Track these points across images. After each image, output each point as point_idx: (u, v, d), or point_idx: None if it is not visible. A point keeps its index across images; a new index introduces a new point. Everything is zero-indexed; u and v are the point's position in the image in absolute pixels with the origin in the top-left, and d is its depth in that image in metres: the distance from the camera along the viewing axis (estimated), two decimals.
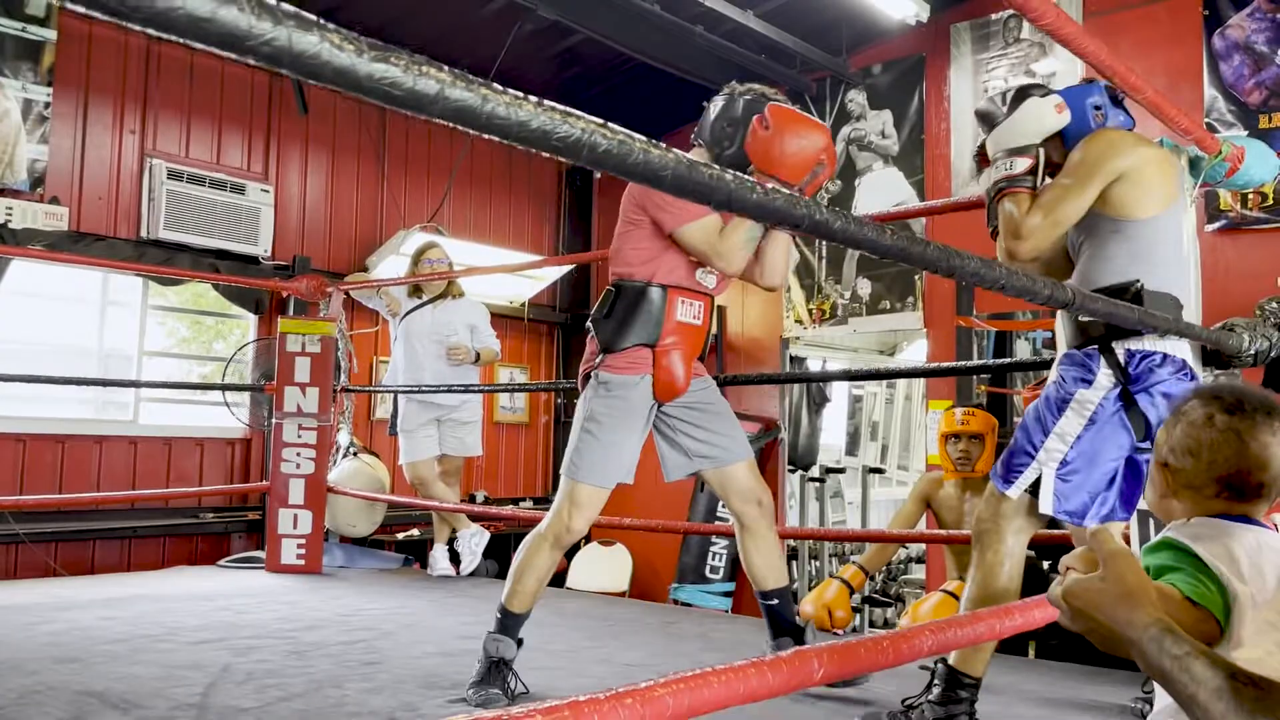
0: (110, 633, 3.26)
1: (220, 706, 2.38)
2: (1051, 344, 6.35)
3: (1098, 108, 2.31)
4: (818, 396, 7.74)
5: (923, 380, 6.98)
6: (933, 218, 5.73)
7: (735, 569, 6.44)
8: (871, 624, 6.60)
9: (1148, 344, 2.17)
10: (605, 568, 6.83)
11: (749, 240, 2.56)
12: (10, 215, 4.91)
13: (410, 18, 5.94)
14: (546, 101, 0.84)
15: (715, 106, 2.73)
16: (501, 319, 6.32)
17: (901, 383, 9.26)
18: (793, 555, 6.80)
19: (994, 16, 5.75)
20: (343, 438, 5.53)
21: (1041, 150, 2.28)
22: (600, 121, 0.88)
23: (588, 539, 7.15)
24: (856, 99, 6.32)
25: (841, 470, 8.21)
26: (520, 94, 0.82)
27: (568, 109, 0.86)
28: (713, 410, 2.73)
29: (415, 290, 5.19)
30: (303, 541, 4.92)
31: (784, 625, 2.78)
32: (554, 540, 2.62)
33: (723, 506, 6.36)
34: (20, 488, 5.01)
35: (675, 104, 7.01)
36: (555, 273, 7.25)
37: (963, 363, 5.27)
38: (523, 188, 7.43)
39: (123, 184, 5.45)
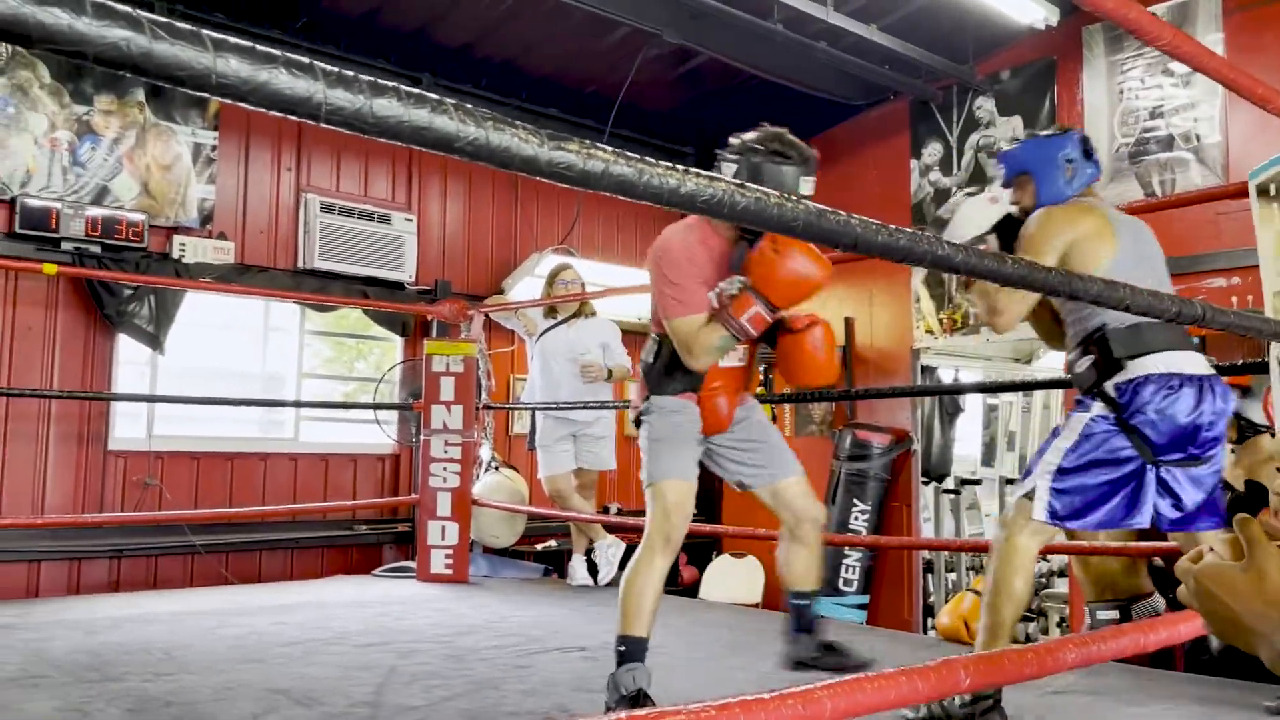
0: (284, 636, 3.54)
1: (392, 704, 2.59)
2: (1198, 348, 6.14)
3: (1069, 160, 2.65)
4: (950, 407, 7.64)
5: (1060, 391, 6.81)
6: None
7: (869, 581, 6.43)
8: (1013, 639, 6.47)
9: (1128, 375, 2.50)
10: (738, 579, 6.91)
11: (719, 347, 2.67)
12: (184, 251, 5.36)
13: (540, 47, 6.20)
14: (692, 170, 0.97)
15: (727, 171, 2.78)
16: (632, 336, 6.49)
17: (1040, 391, 9.03)
18: (928, 568, 6.74)
19: None
20: (484, 453, 5.80)
21: (993, 237, 2.67)
22: (738, 182, 1.00)
23: (719, 550, 7.25)
24: (985, 106, 6.26)
25: (977, 482, 8.07)
26: (670, 164, 0.95)
27: (711, 174, 0.98)
28: (756, 437, 2.89)
29: (550, 311, 5.40)
30: (450, 552, 5.18)
31: (805, 624, 2.97)
32: (661, 549, 2.70)
33: (855, 519, 6.36)
34: (195, 502, 5.44)
35: (799, 118, 7.07)
36: None
37: None
38: (648, 208, 7.55)
39: (281, 218, 5.87)
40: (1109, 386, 2.51)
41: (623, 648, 2.62)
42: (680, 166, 0.96)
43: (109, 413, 5.23)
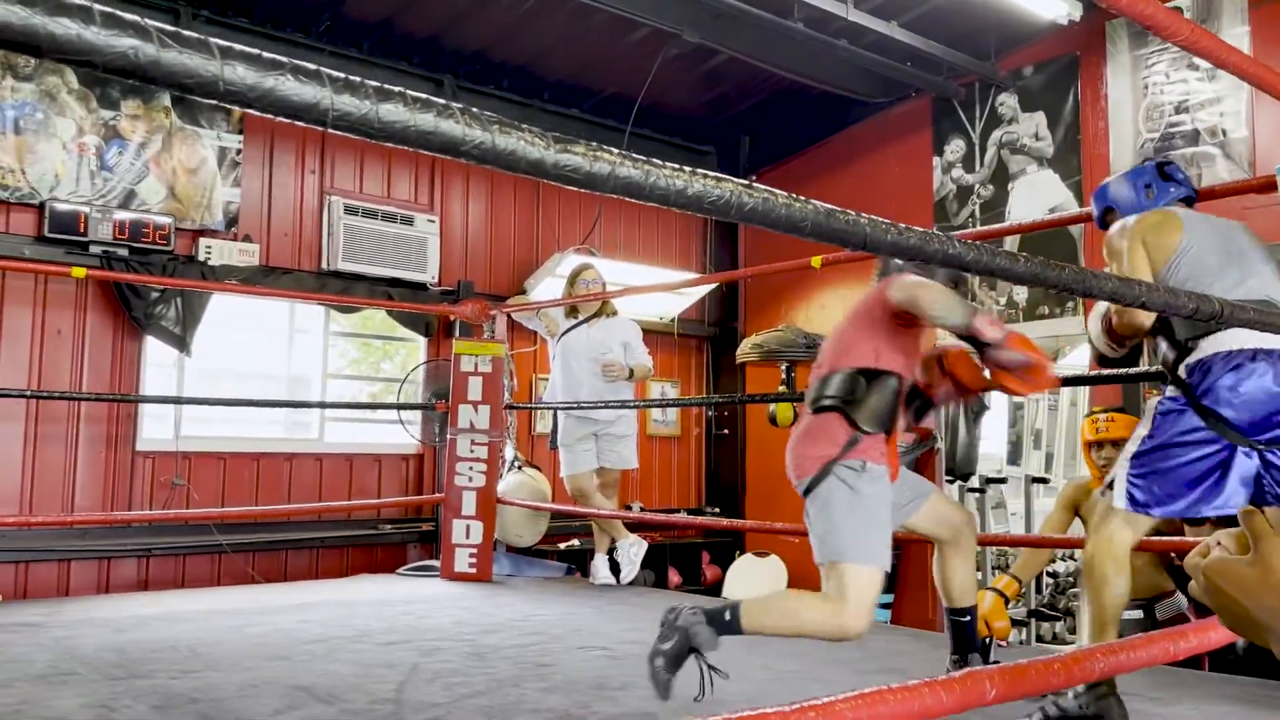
0: (309, 634, 3.57)
1: (414, 702, 2.61)
2: None
3: (1148, 186, 2.81)
4: (975, 404, 7.59)
5: (1088, 388, 6.76)
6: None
7: (893, 580, 6.40)
8: (1039, 638, 6.43)
9: (1199, 355, 2.51)
10: (761, 578, 6.90)
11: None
12: (210, 253, 5.42)
13: (561, 49, 6.22)
14: (699, 171, 0.97)
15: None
16: (652, 335, 6.51)
17: (1066, 389, 8.96)
18: None
19: None
20: (508, 452, 5.82)
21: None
22: (745, 183, 1.01)
23: (742, 549, 7.25)
24: (1007, 102, 6.22)
25: (1003, 480, 8.02)
26: (677, 166, 0.96)
27: (720, 175, 0.98)
28: (901, 478, 2.75)
29: (572, 310, 5.42)
30: (474, 551, 5.21)
31: (969, 643, 2.84)
32: (835, 632, 2.54)
33: None
34: (222, 502, 5.50)
35: (820, 116, 7.07)
36: (703, 289, 7.39)
37: (1127, 369, 5.11)
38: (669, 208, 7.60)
39: (305, 220, 5.92)
40: (1181, 369, 2.55)
41: (729, 617, 2.56)
42: (687, 168, 0.97)
43: (137, 414, 5.30)
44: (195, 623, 3.82)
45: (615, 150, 0.92)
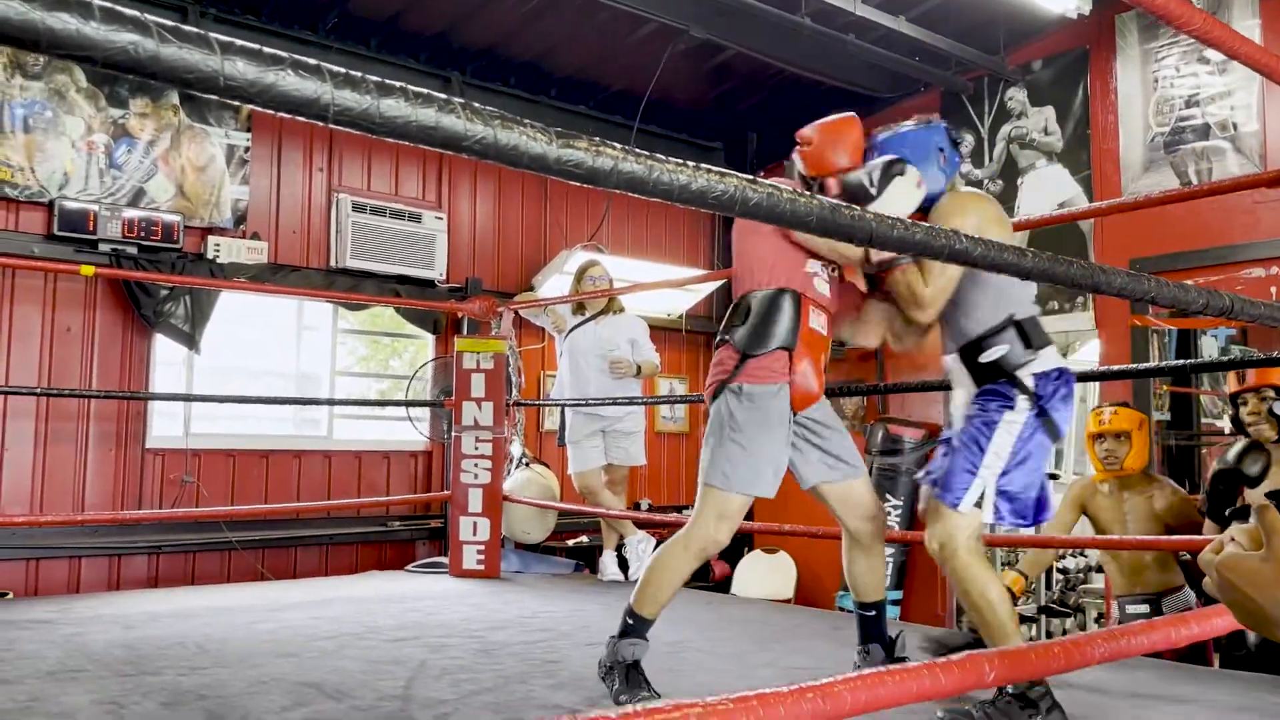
0: (318, 630, 3.58)
1: (422, 698, 2.62)
2: (1237, 340, 6.02)
3: (940, 149, 2.66)
4: None
5: (1097, 383, 6.74)
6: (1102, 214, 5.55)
7: (902, 577, 6.39)
8: (1049, 635, 6.41)
9: (1039, 365, 2.53)
10: (769, 575, 6.90)
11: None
12: (219, 251, 5.43)
13: (568, 45, 6.21)
14: (703, 166, 0.97)
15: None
16: (660, 332, 6.50)
17: (1076, 385, 8.93)
18: None
19: None
20: (515, 449, 5.82)
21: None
22: (749, 178, 1.00)
23: (750, 546, 7.24)
24: (1016, 96, 6.19)
25: None
26: (680, 161, 0.95)
27: (723, 170, 0.98)
28: (837, 426, 2.80)
29: (579, 307, 5.42)
30: (482, 547, 5.21)
31: (876, 635, 2.90)
32: (698, 553, 2.64)
33: (887, 514, 6.32)
34: (231, 499, 5.52)
35: (827, 112, 7.03)
36: (711, 285, 7.38)
37: (1136, 365, 5.10)
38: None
39: (313, 218, 5.93)
40: (1026, 376, 2.52)
41: (632, 620, 2.67)
42: (690, 163, 0.96)
43: (147, 412, 5.32)
44: (205, 619, 3.83)
45: (618, 145, 0.92)
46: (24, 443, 4.97)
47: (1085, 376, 5.78)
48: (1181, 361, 5.31)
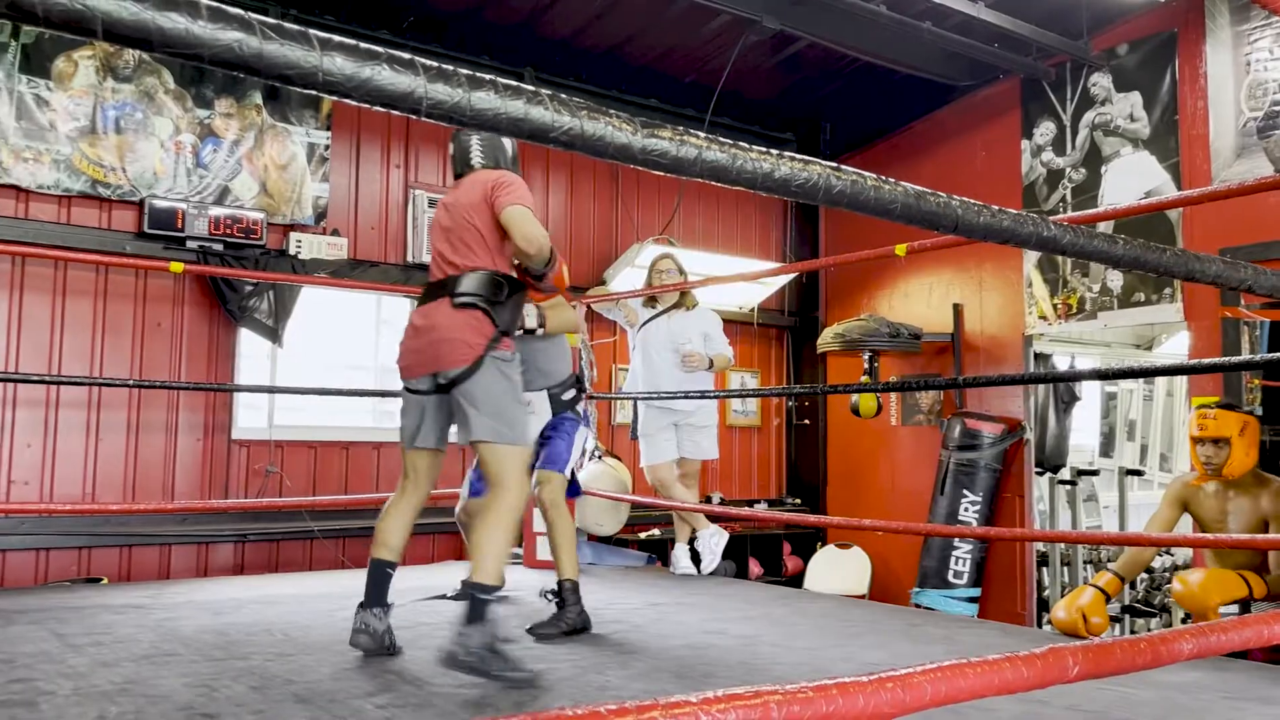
0: (398, 619, 3.64)
1: (499, 685, 2.65)
2: None
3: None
4: (1066, 395, 7.40)
5: (1184, 377, 6.54)
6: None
7: (980, 573, 6.28)
8: (1134, 635, 6.24)
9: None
10: (843, 570, 6.84)
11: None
12: (300, 247, 5.56)
13: (640, 38, 6.22)
14: (786, 153, 0.96)
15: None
16: (732, 324, 6.48)
17: (1161, 379, 8.67)
18: (1043, 560, 6.55)
19: None
20: (589, 442, 5.85)
21: None
22: (834, 166, 0.99)
23: (824, 541, 7.18)
24: (1100, 82, 6.02)
25: (1095, 472, 7.81)
26: (764, 149, 0.95)
27: (806, 158, 0.97)
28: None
29: (651, 300, 5.43)
30: None
31: (379, 599, 3.06)
32: (520, 508, 2.86)
33: (964, 510, 6.22)
34: (313, 489, 5.65)
35: (902, 101, 6.94)
36: (784, 278, 7.34)
37: (1226, 359, 4.93)
38: (749, 195, 7.56)
39: (391, 214, 6.04)
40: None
41: (479, 597, 2.71)
42: (774, 151, 0.96)
43: (232, 404, 5.48)
44: (289, 606, 3.93)
45: (702, 135, 0.92)
46: (117, 433, 5.16)
47: (1146, 371, 5.60)
48: (1276, 355, 5.12)
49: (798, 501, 7.48)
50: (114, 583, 4.91)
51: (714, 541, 5.19)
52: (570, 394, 3.81)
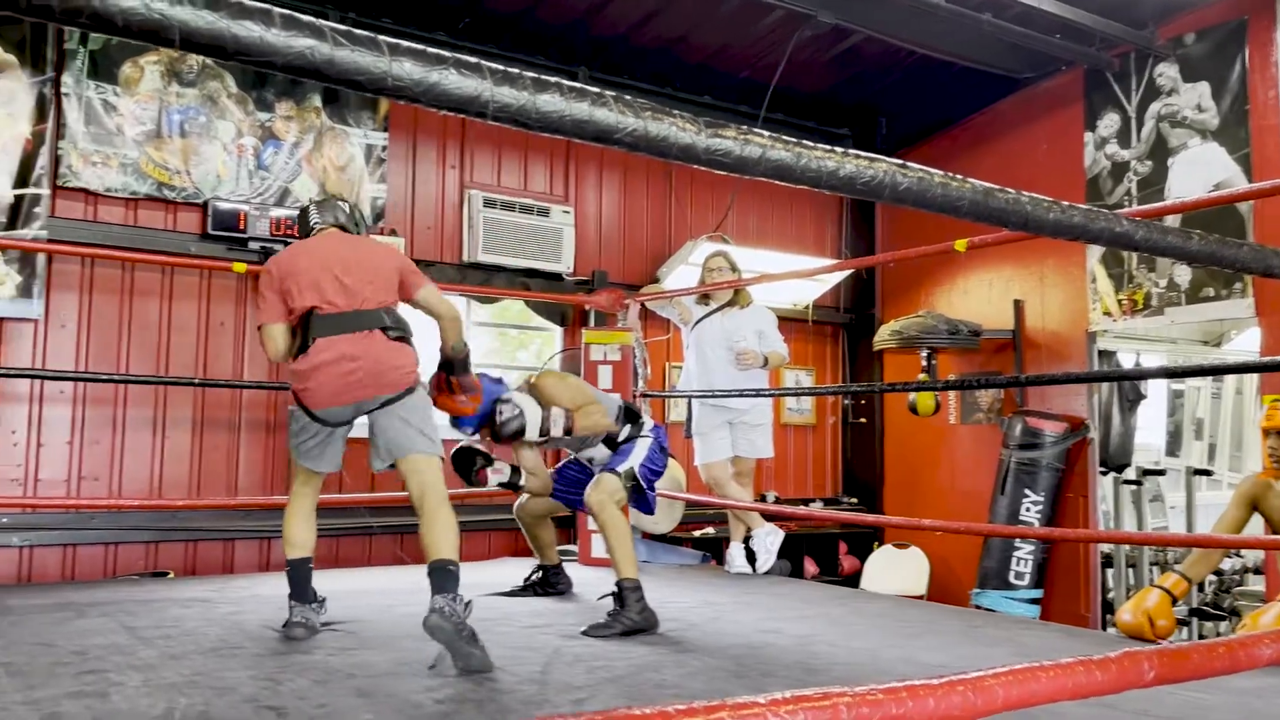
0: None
1: (557, 683, 2.67)
2: None
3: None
4: (1131, 393, 7.23)
5: (1256, 375, 6.35)
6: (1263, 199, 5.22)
7: (1042, 575, 6.17)
8: (1202, 638, 6.08)
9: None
10: (901, 570, 6.76)
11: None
12: None
13: (693, 34, 6.20)
14: (850, 150, 0.95)
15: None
16: (787, 322, 6.43)
17: (1230, 376, 8.44)
18: (1107, 562, 6.42)
19: None
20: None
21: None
22: (899, 162, 0.98)
23: (881, 540, 7.11)
24: (1167, 72, 5.87)
25: (1161, 472, 7.62)
26: (829, 148, 0.94)
27: (871, 155, 0.96)
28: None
29: (704, 298, 5.41)
30: None
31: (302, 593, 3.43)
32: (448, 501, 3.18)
33: (1026, 510, 6.11)
34: (371, 486, 5.73)
35: (961, 94, 6.84)
36: (838, 275, 7.27)
37: None
38: (803, 192, 7.45)
39: (446, 214, 6.10)
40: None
41: (449, 574, 3.02)
42: (839, 149, 0.95)
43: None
44: (349, 602, 3.99)
45: (765, 134, 0.91)
46: (183, 431, 5.28)
47: (1214, 369, 5.45)
48: None
49: (854, 501, 7.41)
50: (180, 577, 5.03)
51: (769, 540, 5.17)
52: (625, 431, 3.98)
